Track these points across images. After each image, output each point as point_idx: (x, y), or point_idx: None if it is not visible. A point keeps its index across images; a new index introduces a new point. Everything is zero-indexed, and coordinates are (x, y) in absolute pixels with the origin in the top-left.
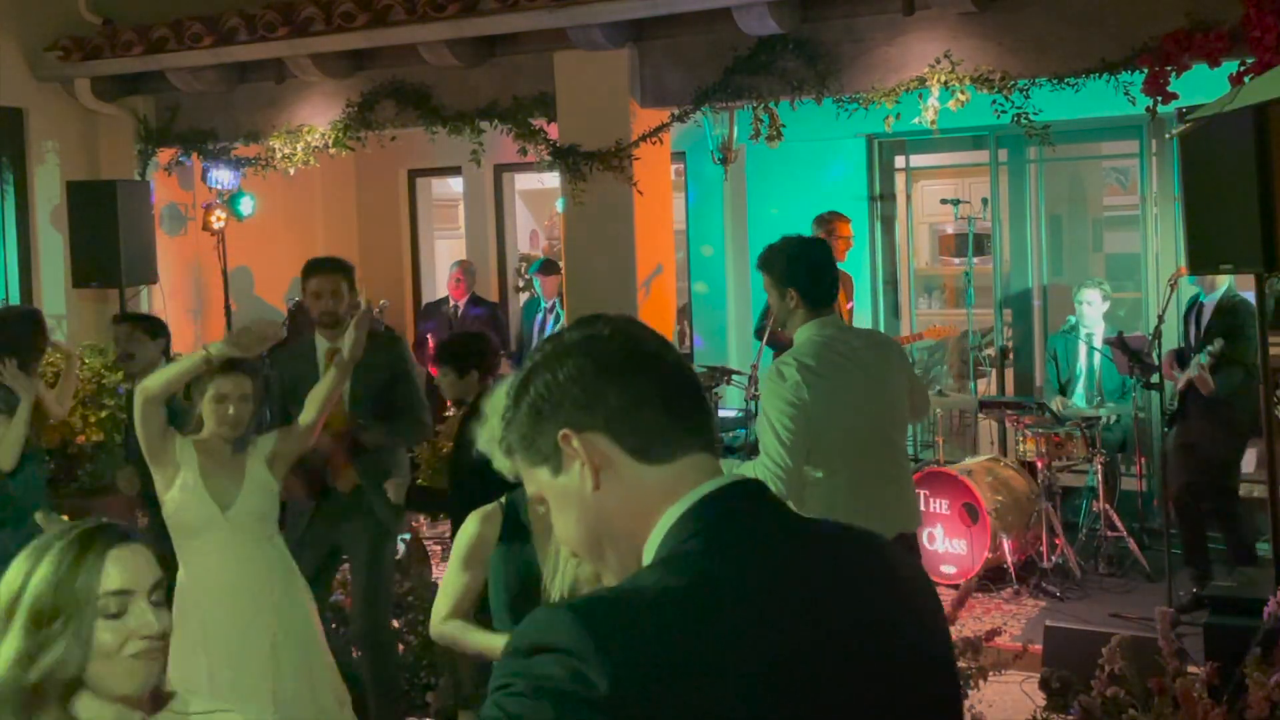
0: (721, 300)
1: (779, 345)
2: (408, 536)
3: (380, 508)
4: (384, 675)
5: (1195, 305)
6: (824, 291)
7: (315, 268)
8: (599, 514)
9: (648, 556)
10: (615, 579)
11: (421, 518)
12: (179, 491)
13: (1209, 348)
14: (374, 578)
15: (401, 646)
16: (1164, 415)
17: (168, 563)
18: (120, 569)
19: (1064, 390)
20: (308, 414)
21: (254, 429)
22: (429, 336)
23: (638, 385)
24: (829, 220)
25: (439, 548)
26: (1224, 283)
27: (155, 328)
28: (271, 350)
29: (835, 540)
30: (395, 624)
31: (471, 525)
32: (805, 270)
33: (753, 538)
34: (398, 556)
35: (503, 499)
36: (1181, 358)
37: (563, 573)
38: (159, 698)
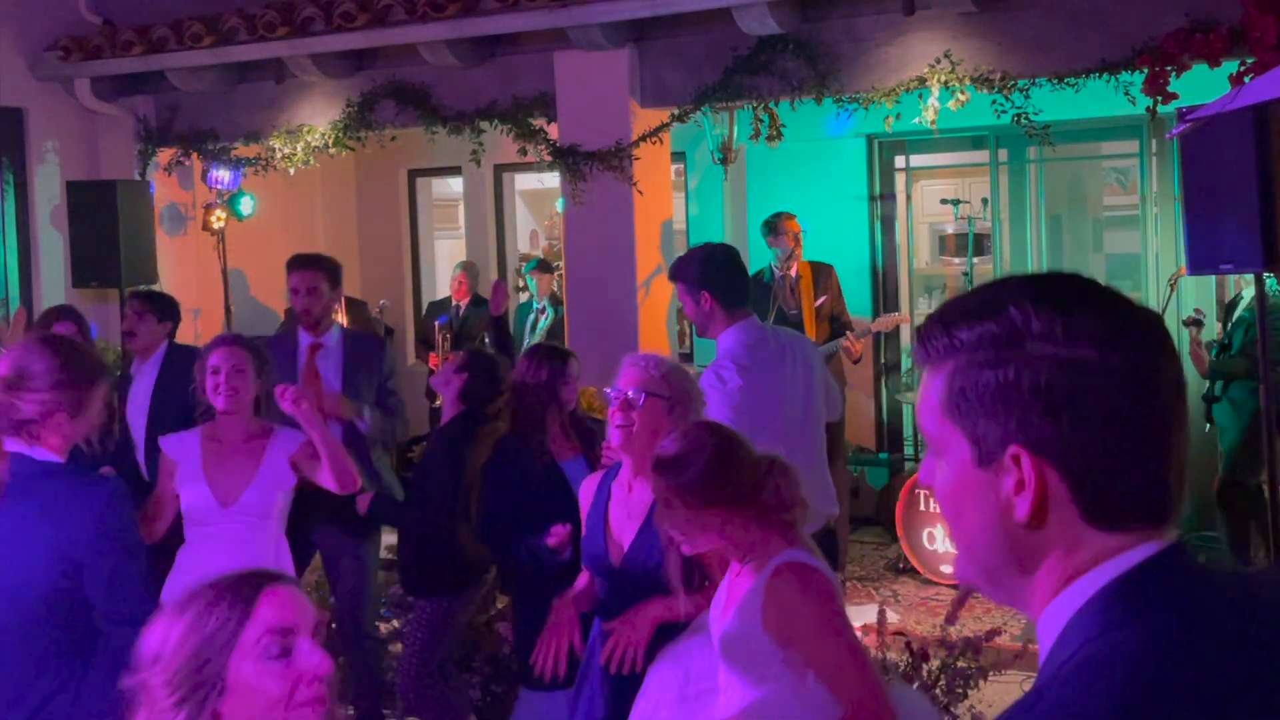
0: None
1: None
2: None
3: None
4: (370, 678)
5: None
6: (739, 292)
7: (296, 263)
8: (1015, 548)
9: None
10: (998, 596)
11: None
12: (184, 483)
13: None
14: (359, 581)
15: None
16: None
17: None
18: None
19: None
20: None
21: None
22: (436, 325)
23: (1124, 430)
24: (772, 222)
25: None
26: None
27: (165, 310)
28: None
29: None
30: (394, 623)
31: (585, 488)
32: (717, 271)
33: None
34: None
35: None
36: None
37: None
38: None
